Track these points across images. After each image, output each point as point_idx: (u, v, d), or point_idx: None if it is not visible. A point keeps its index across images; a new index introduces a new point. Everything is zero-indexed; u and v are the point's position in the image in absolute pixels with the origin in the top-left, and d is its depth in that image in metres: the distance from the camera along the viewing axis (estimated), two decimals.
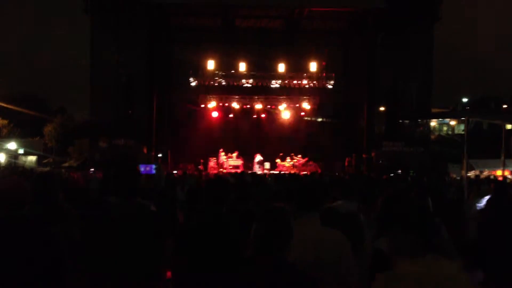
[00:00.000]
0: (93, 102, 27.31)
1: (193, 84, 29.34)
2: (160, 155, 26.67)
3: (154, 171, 14.49)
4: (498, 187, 5.34)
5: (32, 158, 35.64)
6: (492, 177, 18.18)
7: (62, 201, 4.16)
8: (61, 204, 4.12)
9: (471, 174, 22.22)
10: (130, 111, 27.43)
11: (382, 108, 28.65)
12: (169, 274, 3.37)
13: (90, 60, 27.15)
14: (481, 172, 24.58)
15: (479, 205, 6.09)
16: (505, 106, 53.40)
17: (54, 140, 40.01)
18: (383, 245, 3.07)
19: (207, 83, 29.33)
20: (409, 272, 2.13)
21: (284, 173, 19.25)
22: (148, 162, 21.91)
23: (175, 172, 21.07)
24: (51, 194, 4.04)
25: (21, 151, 35.08)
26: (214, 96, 29.47)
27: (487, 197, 5.99)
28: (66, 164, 32.67)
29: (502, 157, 12.07)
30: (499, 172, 19.32)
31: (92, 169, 22.35)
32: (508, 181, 14.83)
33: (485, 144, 27.30)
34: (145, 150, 26.00)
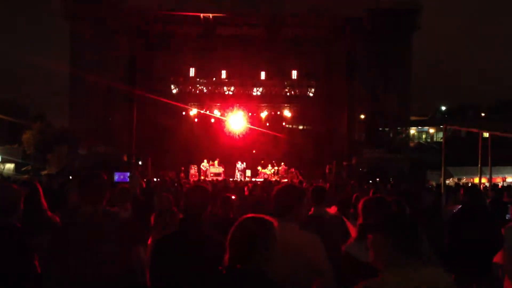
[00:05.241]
0: (72, 109, 26.99)
1: (174, 91, 29.25)
2: (140, 162, 26.46)
3: (128, 179, 14.10)
4: (471, 192, 5.45)
5: (10, 166, 35.14)
6: (470, 184, 18.47)
7: (45, 209, 4.16)
8: (44, 212, 4.12)
9: (449, 181, 22.54)
10: (110, 118, 27.17)
11: (362, 116, 28.90)
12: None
13: (70, 66, 26.85)
14: (459, 179, 24.93)
15: (455, 211, 6.19)
16: (483, 114, 54.33)
17: (33, 147, 39.45)
18: (353, 250, 3.09)
19: (188, 90, 29.28)
20: (394, 282, 2.14)
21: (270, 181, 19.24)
22: (128, 169, 21.75)
23: (155, 179, 20.93)
24: (35, 202, 4.04)
25: None
26: (195, 104, 29.43)
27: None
28: (45, 172, 32.22)
29: (479, 165, 12.26)
30: (476, 180, 19.62)
31: (71, 177, 22.07)
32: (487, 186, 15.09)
33: (463, 151, 27.71)
34: (125, 158, 25.78)
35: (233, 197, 6.61)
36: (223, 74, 29.03)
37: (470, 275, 4.93)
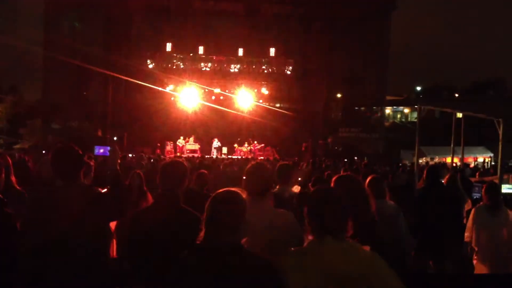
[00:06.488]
0: (46, 82, 26.53)
1: (151, 66, 28.89)
2: (115, 138, 26.19)
3: (108, 153, 13.76)
4: (429, 171, 5.78)
5: None
6: (442, 163, 18.81)
7: (13, 183, 4.12)
8: (13, 186, 4.09)
9: (422, 160, 22.93)
10: (85, 93, 26.78)
11: (339, 95, 29.08)
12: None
13: (44, 39, 26.30)
14: (432, 158, 25.35)
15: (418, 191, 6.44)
16: (457, 94, 55.05)
17: (5, 121, 38.64)
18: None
19: (165, 65, 28.94)
20: (309, 250, 2.37)
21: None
22: (103, 144, 21.57)
23: (130, 155, 20.76)
24: (5, 176, 3.99)
25: None
26: (172, 79, 29.14)
27: None
28: (18, 146, 31.64)
29: (452, 145, 12.51)
30: (449, 159, 19.97)
31: (44, 151, 21.74)
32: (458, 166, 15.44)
33: (436, 131, 28.13)
34: (99, 133, 25.48)
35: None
36: (201, 49, 28.73)
37: (436, 252, 5.16)
